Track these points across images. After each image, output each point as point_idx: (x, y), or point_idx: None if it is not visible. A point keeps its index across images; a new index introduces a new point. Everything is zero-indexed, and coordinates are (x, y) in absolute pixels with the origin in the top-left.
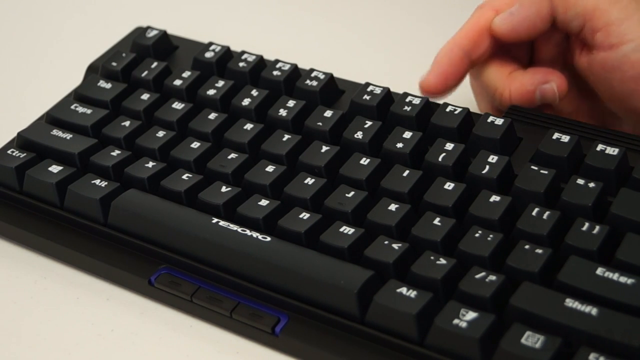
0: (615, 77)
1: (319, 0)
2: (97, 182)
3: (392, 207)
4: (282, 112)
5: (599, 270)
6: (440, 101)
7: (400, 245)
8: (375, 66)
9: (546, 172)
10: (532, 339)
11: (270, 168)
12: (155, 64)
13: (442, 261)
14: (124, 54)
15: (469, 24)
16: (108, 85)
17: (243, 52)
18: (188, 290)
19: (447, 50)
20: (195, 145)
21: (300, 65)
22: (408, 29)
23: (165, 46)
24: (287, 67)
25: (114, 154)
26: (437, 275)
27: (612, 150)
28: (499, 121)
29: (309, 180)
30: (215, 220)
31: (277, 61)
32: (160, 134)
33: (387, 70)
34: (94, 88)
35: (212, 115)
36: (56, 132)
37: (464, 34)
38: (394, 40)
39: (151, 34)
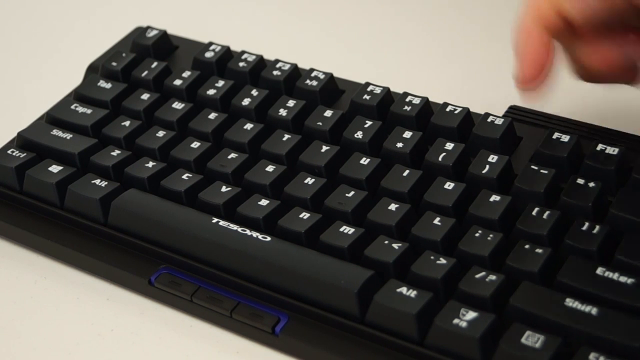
0: None
1: (319, 0)
2: (97, 182)
3: (392, 206)
4: (282, 112)
5: (599, 270)
6: (447, 102)
7: (400, 245)
8: (375, 66)
9: (546, 171)
10: (532, 339)
11: (270, 168)
12: (155, 64)
13: (442, 261)
14: (124, 54)
15: None
16: (108, 85)
17: (243, 52)
18: (188, 290)
19: (527, 33)
20: (195, 145)
21: (300, 65)
22: (408, 29)
23: (165, 46)
24: (287, 67)
25: (114, 154)
26: (437, 275)
27: (612, 150)
28: (499, 121)
29: (309, 180)
30: (215, 220)
31: (277, 61)
32: (160, 134)
33: (387, 70)
34: (94, 88)
35: (212, 115)
36: (56, 132)
37: (537, 8)
38: (393, 40)
39: (151, 34)
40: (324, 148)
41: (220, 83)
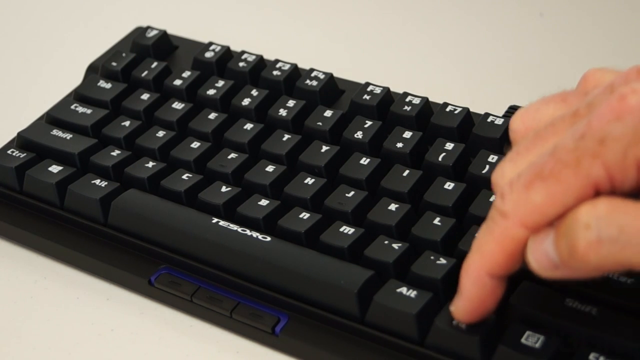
0: None
1: (319, 1)
2: (97, 182)
3: (392, 207)
4: (282, 112)
5: None
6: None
7: (400, 245)
8: (375, 66)
9: None
10: (532, 339)
11: (270, 168)
12: (155, 64)
13: (442, 261)
14: (124, 54)
15: (491, 243)
16: (108, 85)
17: (243, 52)
18: (188, 290)
19: (475, 279)
20: (195, 145)
21: (300, 65)
22: (408, 29)
23: (165, 46)
24: (287, 67)
25: (114, 154)
26: (437, 275)
27: None
28: (499, 121)
29: (309, 180)
30: (215, 220)
31: (277, 61)
32: (160, 134)
33: (387, 70)
34: (94, 88)
35: (212, 115)
36: (56, 132)
37: (490, 257)
38: (393, 40)
39: (151, 34)
40: (324, 148)
41: (220, 83)
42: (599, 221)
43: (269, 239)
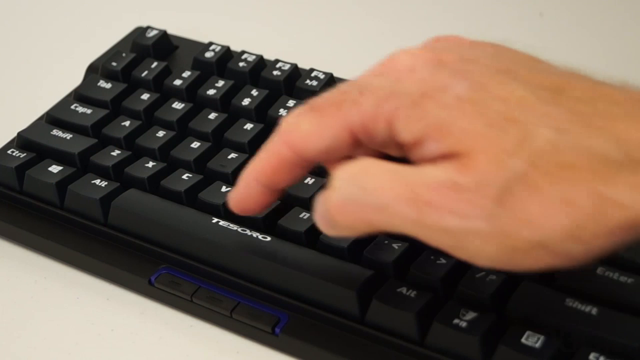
0: None
1: (319, 0)
2: (97, 182)
3: None
4: (282, 112)
5: (599, 270)
6: None
7: (400, 244)
8: None
9: None
10: (532, 339)
11: None
12: (155, 63)
13: (442, 261)
14: (124, 54)
15: (264, 152)
16: (108, 85)
17: (243, 52)
18: (188, 290)
19: (245, 179)
20: (195, 145)
21: (300, 65)
22: (409, 30)
23: (165, 46)
24: (287, 67)
25: (114, 154)
26: (437, 275)
27: None
28: None
29: (309, 180)
30: (215, 220)
31: (277, 61)
32: (160, 133)
33: None
34: (94, 88)
35: (212, 115)
36: (56, 132)
37: (259, 165)
38: (394, 40)
39: (151, 34)
40: None
41: (220, 83)
42: (343, 182)
43: (269, 238)
